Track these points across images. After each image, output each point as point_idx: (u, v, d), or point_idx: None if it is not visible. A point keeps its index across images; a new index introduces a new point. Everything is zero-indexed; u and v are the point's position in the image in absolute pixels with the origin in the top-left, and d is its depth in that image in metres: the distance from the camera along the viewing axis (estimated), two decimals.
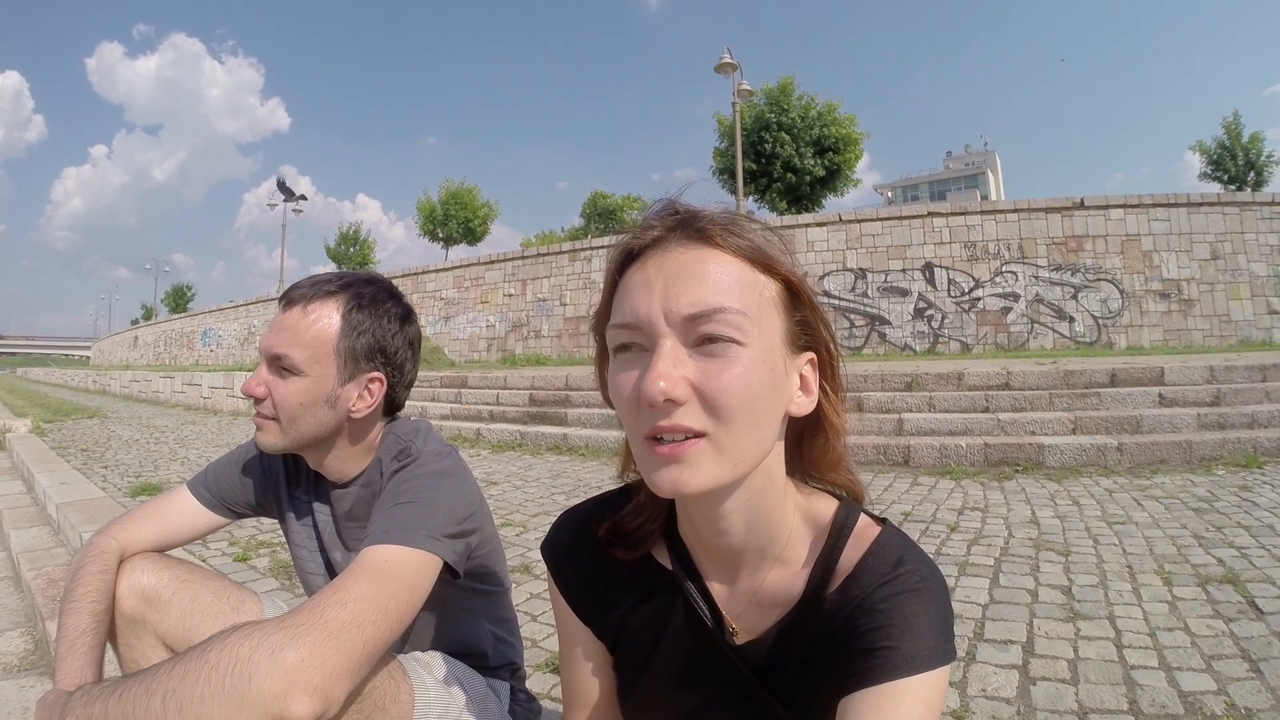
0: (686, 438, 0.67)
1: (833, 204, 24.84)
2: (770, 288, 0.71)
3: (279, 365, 1.24)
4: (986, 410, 7.31)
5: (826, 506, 0.81)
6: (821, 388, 0.77)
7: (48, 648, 2.69)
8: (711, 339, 0.67)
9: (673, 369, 0.66)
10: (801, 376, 0.75)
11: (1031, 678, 2.26)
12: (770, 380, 0.69)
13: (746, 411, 0.67)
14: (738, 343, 0.67)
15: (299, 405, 1.24)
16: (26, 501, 5.38)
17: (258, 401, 1.26)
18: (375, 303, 1.30)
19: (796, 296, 0.73)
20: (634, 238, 0.74)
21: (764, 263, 0.71)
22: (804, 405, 0.75)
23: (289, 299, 1.27)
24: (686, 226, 0.71)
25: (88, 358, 68.30)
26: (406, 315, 1.36)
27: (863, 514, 0.80)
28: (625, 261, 0.74)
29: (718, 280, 0.68)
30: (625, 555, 0.89)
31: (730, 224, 0.72)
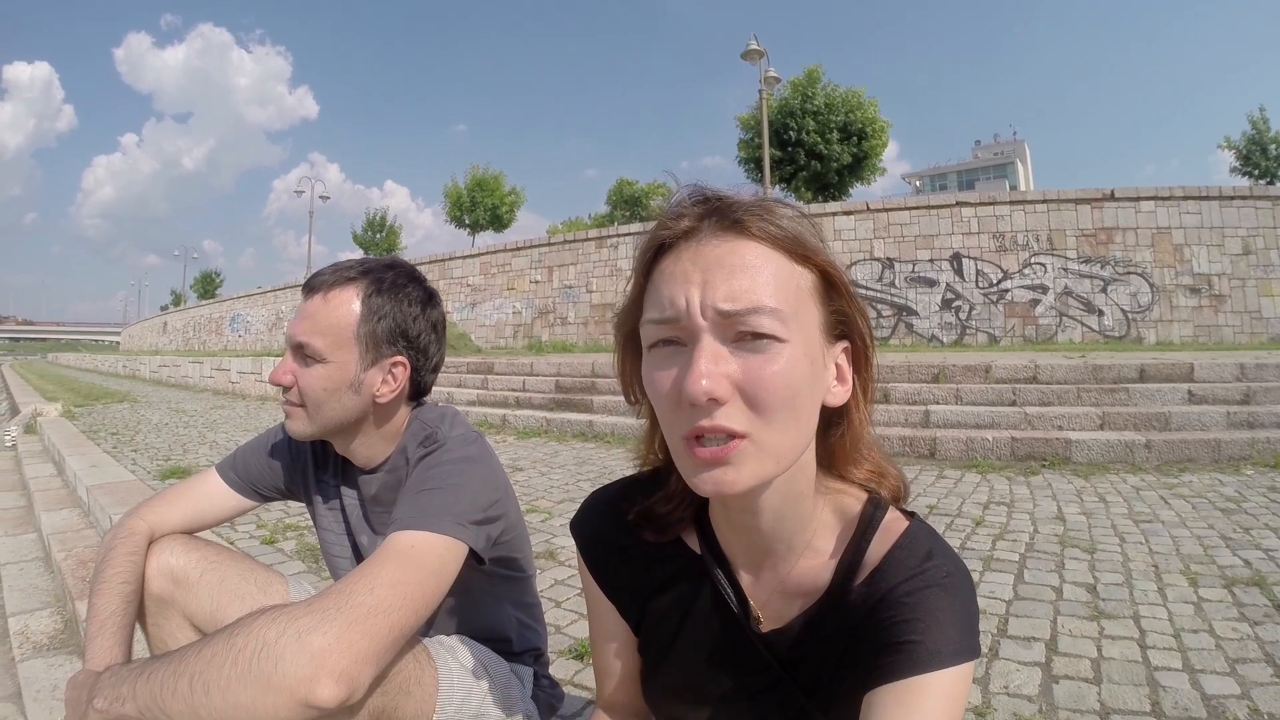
0: (729, 438, 0.65)
1: (860, 193, 24.77)
2: (807, 278, 0.69)
3: (303, 353, 1.25)
4: (1014, 403, 7.23)
5: (856, 499, 0.80)
6: (856, 378, 0.76)
7: (77, 627, 2.74)
8: (753, 335, 0.65)
9: (715, 366, 0.64)
10: (837, 366, 0.74)
11: (1054, 676, 2.24)
12: (811, 374, 0.68)
13: (789, 408, 0.66)
14: (778, 339, 0.65)
15: (323, 391, 1.26)
16: (57, 484, 5.49)
17: (285, 389, 1.27)
18: (395, 287, 1.31)
19: (833, 286, 0.71)
20: (664, 228, 0.71)
21: (800, 252, 0.69)
22: (839, 395, 0.74)
23: (311, 287, 1.28)
24: (720, 215, 0.69)
25: (117, 343, 69.44)
26: (429, 298, 1.37)
27: (891, 507, 0.80)
28: (657, 253, 0.72)
29: (756, 273, 0.66)
30: (655, 538, 0.90)
31: (765, 211, 0.69)
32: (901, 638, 0.68)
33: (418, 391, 1.39)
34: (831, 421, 0.78)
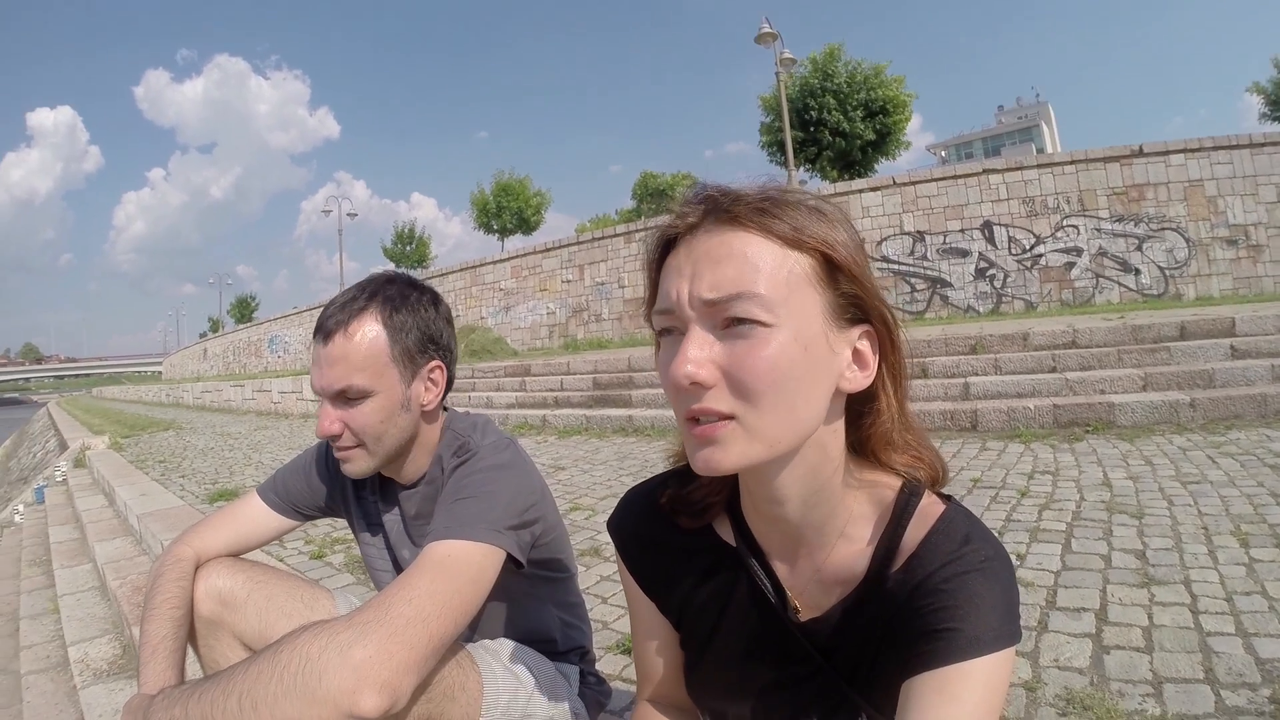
0: (719, 419, 0.68)
1: (885, 168, 24.38)
2: (802, 263, 0.69)
3: (345, 396, 1.25)
4: (1054, 370, 7.14)
5: (890, 484, 0.79)
6: (882, 363, 0.74)
7: (135, 652, 2.81)
8: (738, 321, 0.67)
9: (700, 353, 0.67)
10: (857, 351, 0.72)
11: (1105, 646, 2.21)
12: (805, 360, 0.68)
13: (775, 393, 0.67)
14: (763, 324, 0.66)
15: (381, 424, 1.27)
16: (109, 514, 5.62)
17: (336, 438, 1.27)
18: (405, 298, 1.31)
19: (837, 269, 0.70)
20: (670, 225, 0.74)
21: (794, 237, 0.69)
22: (857, 381, 0.73)
23: (325, 331, 1.26)
24: (717, 210, 0.70)
25: (159, 373, 70.91)
26: (435, 298, 1.38)
27: (928, 492, 0.79)
28: (666, 248, 0.75)
29: (741, 262, 0.67)
30: (689, 523, 0.91)
31: (761, 202, 0.70)
32: (940, 625, 0.68)
33: (450, 386, 1.40)
34: (860, 408, 0.77)
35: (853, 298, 0.71)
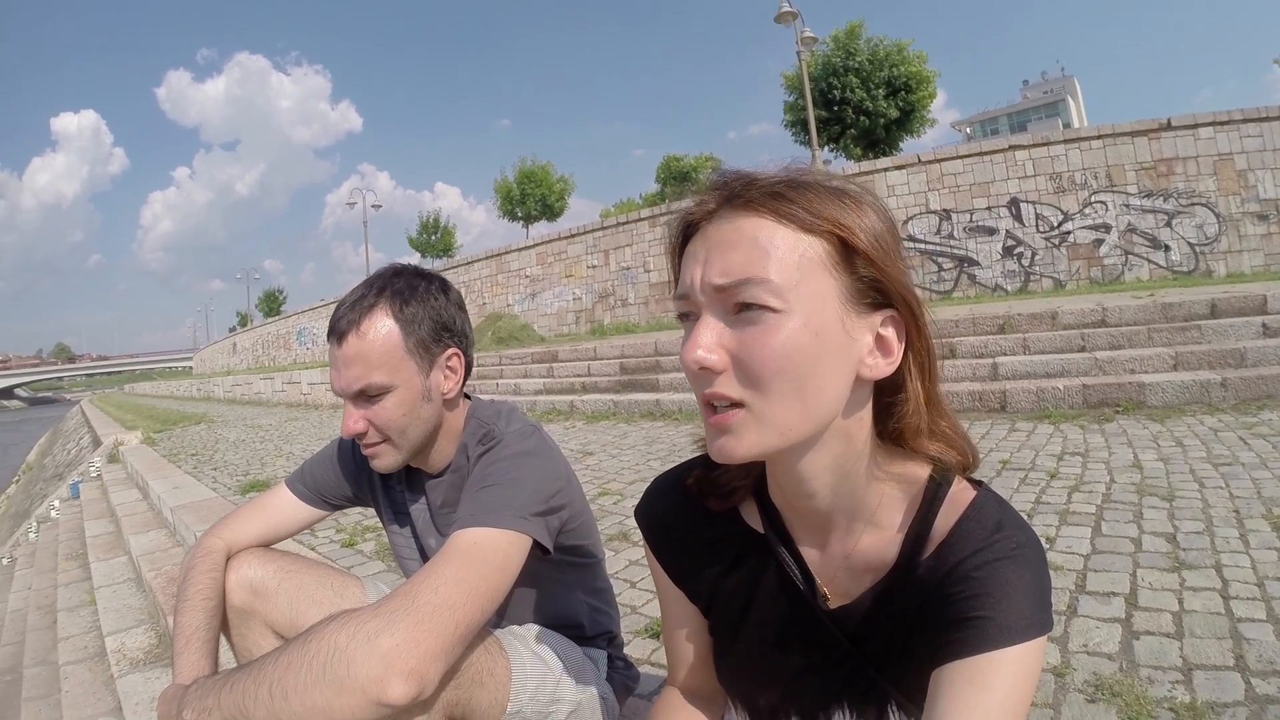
0: (730, 406, 0.68)
1: (910, 146, 24.24)
2: (816, 246, 0.67)
3: (366, 395, 1.26)
4: (1083, 349, 7.05)
5: (920, 470, 0.78)
6: (908, 349, 0.72)
7: (170, 641, 2.88)
8: (747, 306, 0.66)
9: (710, 338, 0.68)
10: (880, 337, 0.71)
11: (1135, 632, 2.19)
12: (816, 347, 0.67)
13: (784, 380, 0.66)
14: (772, 309, 0.66)
15: (403, 417, 1.28)
16: (143, 508, 5.73)
17: (362, 436, 1.29)
18: (413, 289, 1.31)
19: (854, 252, 0.68)
20: (690, 211, 0.74)
21: (806, 221, 0.67)
22: (879, 369, 0.71)
23: (338, 332, 1.26)
24: (733, 195, 0.70)
25: (190, 368, 71.87)
26: (444, 285, 1.38)
27: (959, 478, 0.78)
28: (687, 234, 0.75)
29: (751, 247, 0.67)
30: (717, 505, 0.90)
31: (775, 186, 0.69)
32: (972, 613, 0.67)
33: (469, 371, 1.40)
34: (889, 397, 0.75)
35: (873, 282, 0.69)
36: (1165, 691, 1.88)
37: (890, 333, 0.71)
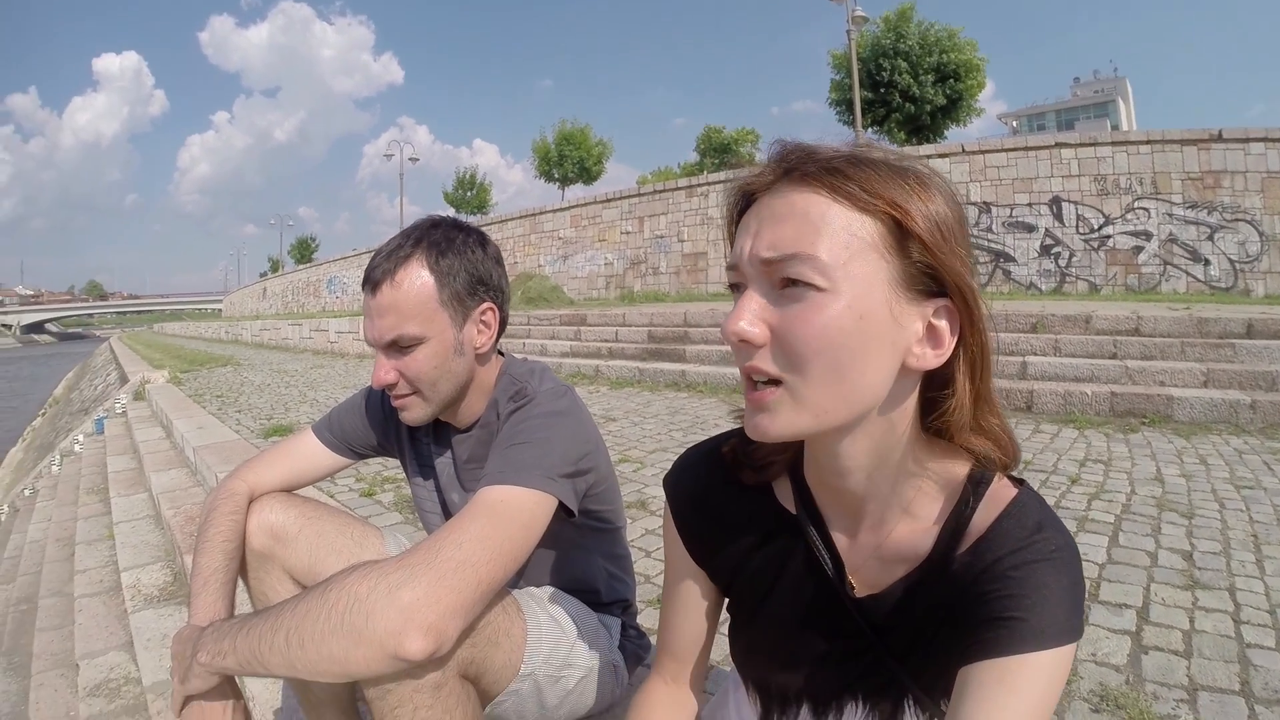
0: (769, 383, 0.67)
1: (955, 134, 23.82)
2: (869, 226, 0.65)
3: (398, 346, 1.26)
4: (1114, 357, 6.96)
5: (961, 465, 0.75)
6: (960, 343, 0.69)
7: (185, 580, 2.91)
8: (792, 282, 0.65)
9: (752, 311, 0.67)
10: (931, 326, 0.68)
11: (1144, 646, 2.18)
12: (860, 330, 0.65)
13: (824, 362, 0.65)
14: (817, 288, 0.64)
15: (435, 369, 1.28)
16: (166, 446, 5.81)
17: (392, 386, 1.29)
18: (450, 241, 1.30)
19: (908, 236, 0.65)
20: (747, 181, 0.72)
21: (862, 199, 0.65)
22: (927, 360, 0.68)
23: (373, 281, 1.26)
24: (790, 169, 0.68)
25: (219, 310, 72.71)
26: (482, 239, 1.36)
27: (999, 474, 0.75)
28: (744, 204, 0.73)
29: (801, 221, 0.65)
30: (751, 478, 0.88)
31: (834, 160, 0.67)
32: (1005, 613, 0.66)
33: (504, 327, 1.40)
34: (934, 388, 0.72)
35: (927, 268, 0.66)
36: (1169, 709, 1.87)
37: (943, 324, 0.68)
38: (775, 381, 0.67)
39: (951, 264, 0.66)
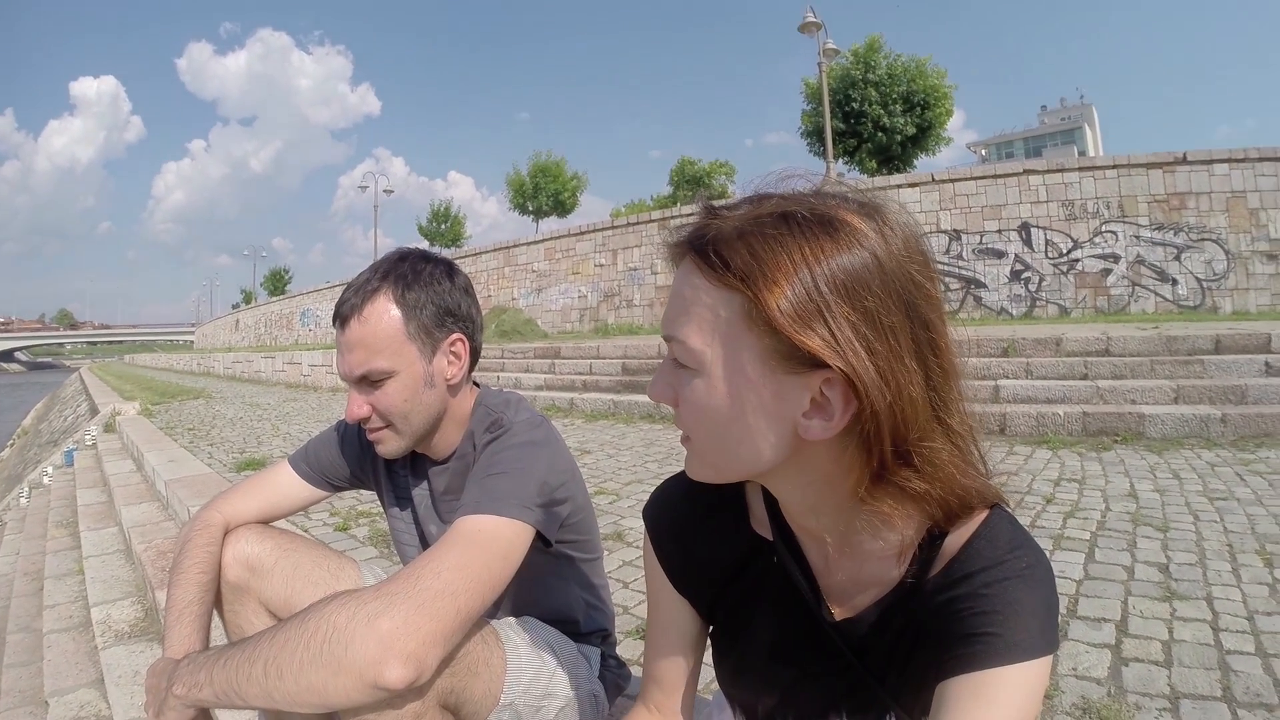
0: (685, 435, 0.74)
1: (925, 164, 24.24)
2: (733, 304, 0.64)
3: (369, 380, 1.26)
4: (1085, 377, 7.08)
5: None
6: (858, 415, 0.63)
7: (157, 616, 2.85)
8: (678, 358, 0.70)
9: (664, 379, 0.73)
10: (821, 396, 0.64)
11: (1124, 658, 2.21)
12: (734, 406, 0.66)
13: (705, 431, 0.71)
14: (688, 367, 0.69)
15: (405, 402, 1.27)
16: (137, 479, 5.70)
17: (366, 421, 1.29)
18: (417, 273, 1.30)
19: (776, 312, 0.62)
20: (674, 247, 0.72)
21: (726, 278, 0.64)
22: (814, 431, 0.65)
23: (342, 317, 1.27)
24: (688, 243, 0.69)
25: (191, 342, 71.94)
26: (450, 269, 1.36)
27: None
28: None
29: (678, 303, 0.69)
30: (727, 507, 0.91)
31: (723, 236, 0.65)
32: (980, 629, 0.67)
33: (475, 356, 1.39)
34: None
35: (794, 344, 0.62)
36: (1152, 718, 1.89)
37: (835, 393, 0.63)
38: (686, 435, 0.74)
39: (809, 342, 0.61)
